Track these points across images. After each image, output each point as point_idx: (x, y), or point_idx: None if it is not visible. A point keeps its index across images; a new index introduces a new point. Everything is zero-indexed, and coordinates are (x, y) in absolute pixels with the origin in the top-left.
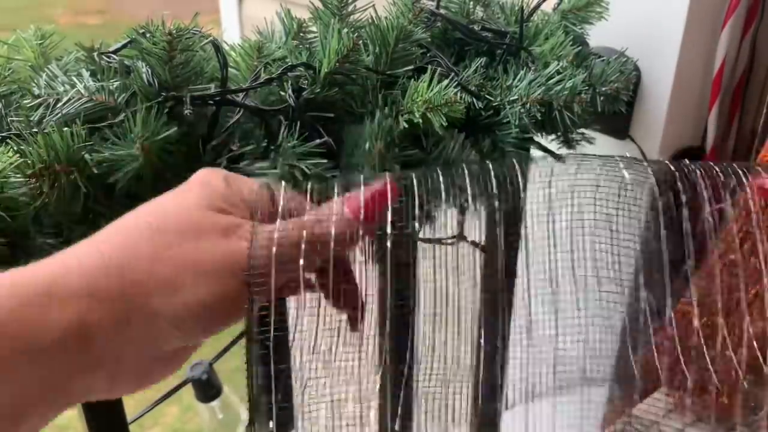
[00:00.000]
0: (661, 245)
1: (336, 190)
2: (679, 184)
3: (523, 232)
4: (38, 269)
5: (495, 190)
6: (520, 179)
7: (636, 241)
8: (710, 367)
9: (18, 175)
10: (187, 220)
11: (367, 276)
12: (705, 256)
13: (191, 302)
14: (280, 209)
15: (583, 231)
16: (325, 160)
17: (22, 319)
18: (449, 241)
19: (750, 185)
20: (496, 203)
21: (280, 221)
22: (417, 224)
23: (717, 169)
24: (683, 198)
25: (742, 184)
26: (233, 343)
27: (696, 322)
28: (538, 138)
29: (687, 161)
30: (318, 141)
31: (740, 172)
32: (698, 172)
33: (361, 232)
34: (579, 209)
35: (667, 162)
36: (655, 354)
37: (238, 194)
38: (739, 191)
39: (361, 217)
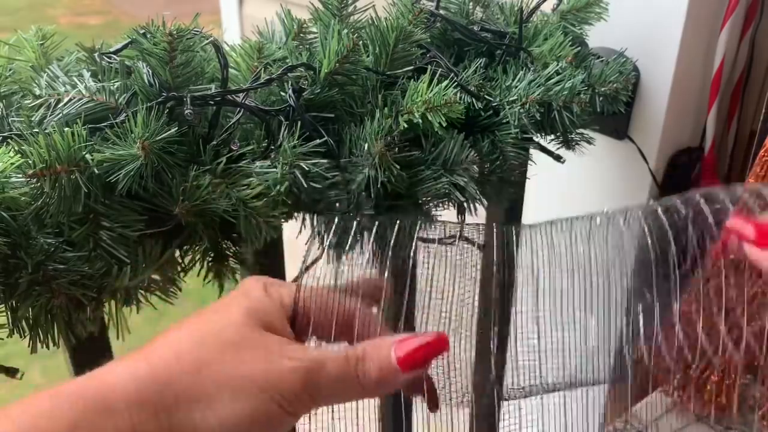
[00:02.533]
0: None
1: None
2: (668, 230)
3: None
4: (93, 379)
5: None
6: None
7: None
8: (708, 367)
9: (19, 175)
10: (229, 335)
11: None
12: (706, 258)
13: (226, 418)
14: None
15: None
16: (325, 160)
17: (82, 429)
18: (449, 241)
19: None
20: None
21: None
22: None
23: (702, 200)
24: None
25: (725, 215)
26: None
27: (694, 323)
28: (537, 138)
29: (674, 199)
30: (318, 141)
31: (726, 201)
32: (684, 211)
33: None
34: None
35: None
36: (654, 354)
37: (280, 306)
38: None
39: (405, 368)
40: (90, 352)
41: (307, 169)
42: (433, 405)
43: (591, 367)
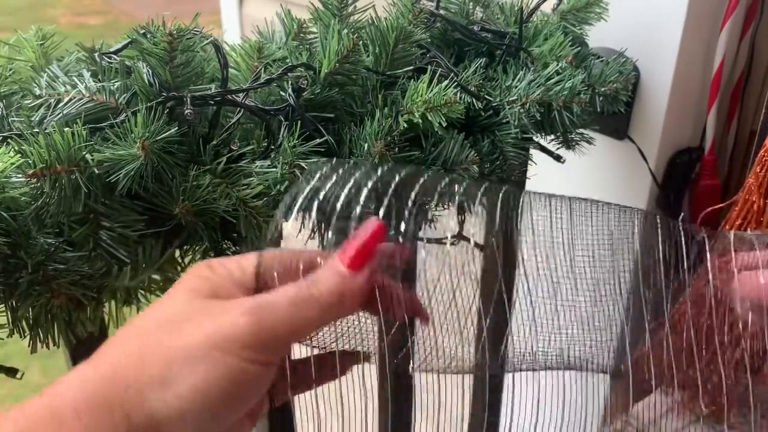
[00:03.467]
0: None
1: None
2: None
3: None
4: (41, 394)
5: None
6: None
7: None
8: (707, 368)
9: (19, 175)
10: (168, 314)
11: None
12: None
13: (185, 393)
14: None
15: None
16: (324, 160)
17: None
18: (449, 240)
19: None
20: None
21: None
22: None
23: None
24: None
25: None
26: None
27: (692, 324)
28: (537, 138)
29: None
30: (318, 140)
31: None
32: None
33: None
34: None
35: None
36: (653, 354)
37: (228, 278)
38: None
39: (353, 266)
40: (90, 352)
41: (308, 168)
42: (423, 317)
43: (591, 353)
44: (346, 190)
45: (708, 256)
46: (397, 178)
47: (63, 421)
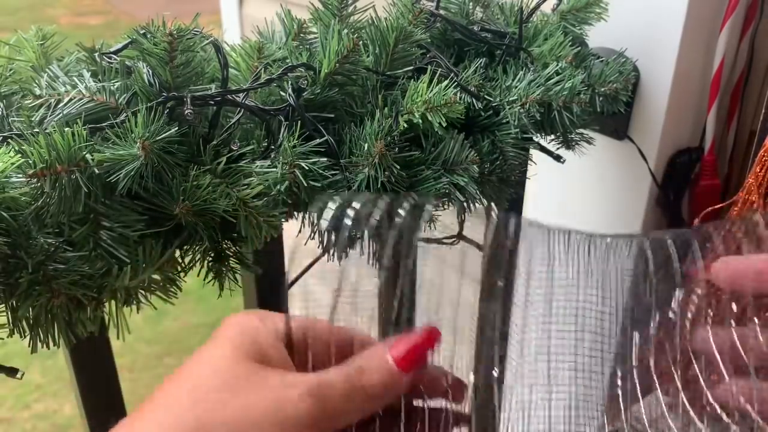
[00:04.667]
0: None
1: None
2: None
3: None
4: None
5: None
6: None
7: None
8: (708, 367)
9: (19, 175)
10: (224, 378)
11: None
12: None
13: None
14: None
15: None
16: (324, 159)
17: None
18: (449, 240)
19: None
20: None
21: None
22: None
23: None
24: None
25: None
26: None
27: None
28: (537, 138)
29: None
30: (318, 140)
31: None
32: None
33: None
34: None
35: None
36: (653, 354)
37: (273, 329)
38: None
39: (405, 368)
40: (90, 352)
41: (307, 168)
42: (459, 395)
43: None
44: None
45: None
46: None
47: None
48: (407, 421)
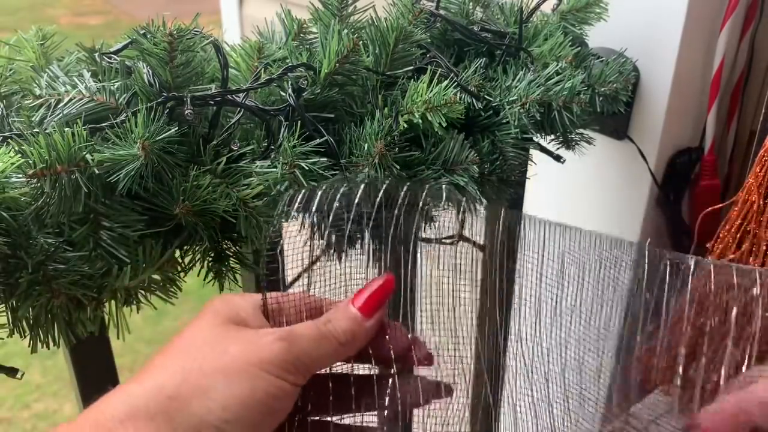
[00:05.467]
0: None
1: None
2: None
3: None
4: (92, 406)
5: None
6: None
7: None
8: (707, 367)
9: (19, 175)
10: (205, 335)
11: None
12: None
13: (228, 403)
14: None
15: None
16: (324, 159)
17: None
18: (449, 240)
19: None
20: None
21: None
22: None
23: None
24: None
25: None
26: None
27: (688, 325)
28: (537, 138)
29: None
30: (318, 140)
31: (690, 267)
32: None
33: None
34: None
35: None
36: (653, 354)
37: (251, 302)
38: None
39: (366, 313)
40: (90, 352)
41: (307, 168)
42: (428, 361)
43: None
44: (340, 193)
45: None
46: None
47: (108, 429)
48: (391, 387)
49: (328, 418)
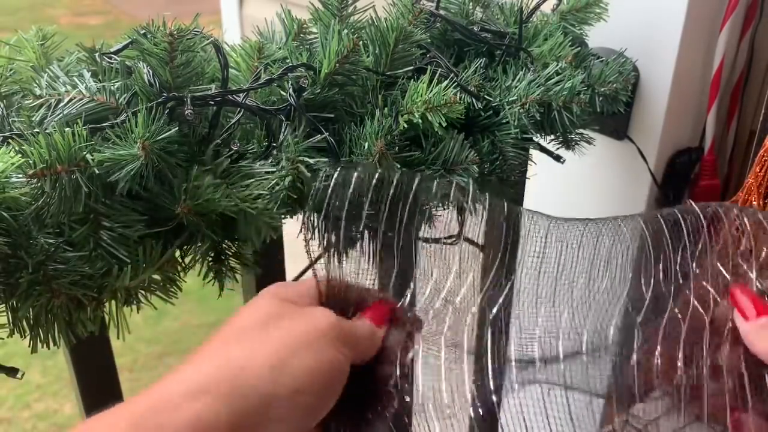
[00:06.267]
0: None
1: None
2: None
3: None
4: (155, 385)
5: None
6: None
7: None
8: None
9: (20, 175)
10: (264, 312)
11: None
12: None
13: (298, 373)
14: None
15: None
16: (325, 159)
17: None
18: (450, 241)
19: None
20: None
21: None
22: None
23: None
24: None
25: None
26: None
27: (686, 324)
28: (537, 138)
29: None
30: (319, 137)
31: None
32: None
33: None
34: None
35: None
36: (653, 354)
37: (306, 290)
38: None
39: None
40: (90, 352)
41: (312, 162)
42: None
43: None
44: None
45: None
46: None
47: (176, 404)
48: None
49: None
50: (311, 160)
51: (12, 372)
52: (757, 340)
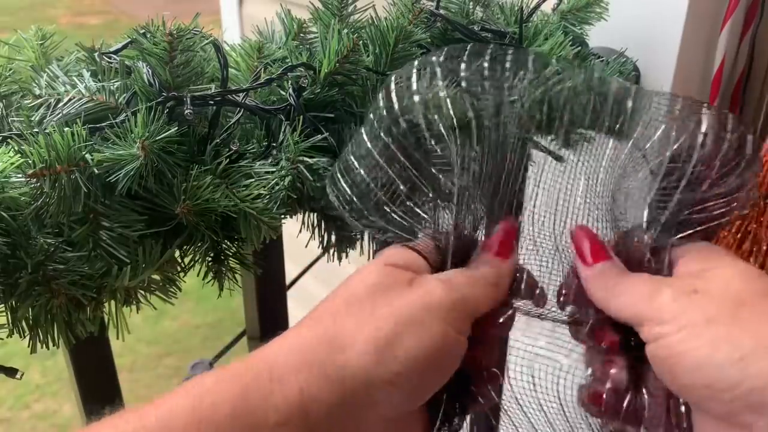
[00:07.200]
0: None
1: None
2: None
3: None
4: (255, 353)
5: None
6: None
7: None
8: None
9: (19, 175)
10: (374, 281)
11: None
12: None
13: (401, 355)
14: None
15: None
16: (325, 159)
17: (246, 405)
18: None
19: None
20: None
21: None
22: None
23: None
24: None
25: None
26: (233, 343)
27: None
28: (537, 138)
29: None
30: (319, 137)
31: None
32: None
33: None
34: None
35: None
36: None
37: (414, 254)
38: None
39: (502, 255)
40: (90, 352)
41: (312, 162)
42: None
43: None
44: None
45: None
46: None
47: (280, 376)
48: None
49: None
50: (311, 160)
51: (11, 372)
52: (594, 289)
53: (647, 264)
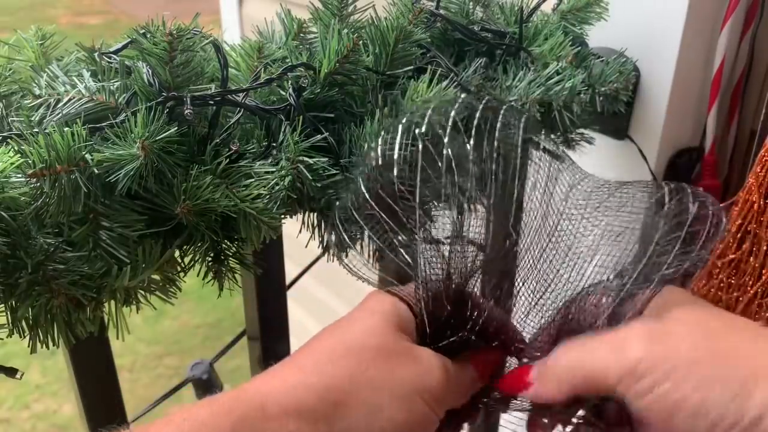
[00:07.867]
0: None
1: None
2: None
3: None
4: (248, 387)
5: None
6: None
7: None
8: None
9: (19, 175)
10: (375, 342)
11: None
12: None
13: (386, 426)
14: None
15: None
16: (325, 159)
17: None
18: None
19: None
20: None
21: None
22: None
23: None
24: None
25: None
26: (233, 342)
27: None
28: (537, 138)
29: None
30: (319, 137)
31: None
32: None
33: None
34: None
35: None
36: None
37: (406, 310)
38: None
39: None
40: (90, 352)
41: (312, 162)
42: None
43: None
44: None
45: None
46: None
47: (271, 419)
48: None
49: None
50: (311, 160)
51: (11, 372)
52: (554, 383)
53: (604, 321)
